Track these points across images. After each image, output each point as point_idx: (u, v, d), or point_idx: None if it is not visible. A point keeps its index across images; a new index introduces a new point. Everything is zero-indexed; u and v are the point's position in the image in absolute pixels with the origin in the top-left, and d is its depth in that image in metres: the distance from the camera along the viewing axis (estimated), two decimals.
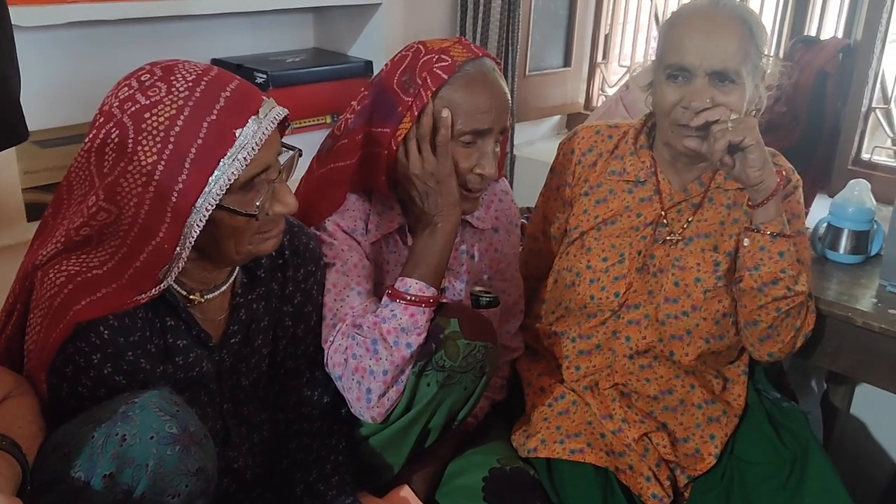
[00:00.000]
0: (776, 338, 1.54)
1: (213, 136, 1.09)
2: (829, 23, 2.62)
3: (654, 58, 1.56)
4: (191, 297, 1.23)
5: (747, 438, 1.61)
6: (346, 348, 1.35)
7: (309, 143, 2.02)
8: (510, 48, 2.75)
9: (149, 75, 1.13)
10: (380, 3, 2.63)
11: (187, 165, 1.09)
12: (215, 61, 2.43)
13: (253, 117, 1.12)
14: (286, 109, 1.18)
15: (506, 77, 2.78)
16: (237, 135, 1.10)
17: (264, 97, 1.16)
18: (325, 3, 2.60)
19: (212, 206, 1.10)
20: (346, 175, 1.43)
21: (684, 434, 1.61)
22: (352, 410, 1.39)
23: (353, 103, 1.47)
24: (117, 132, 1.11)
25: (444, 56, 1.38)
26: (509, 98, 1.42)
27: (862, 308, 1.68)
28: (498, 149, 1.44)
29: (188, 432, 1.02)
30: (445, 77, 1.36)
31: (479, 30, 2.70)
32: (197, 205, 1.09)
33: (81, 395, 1.13)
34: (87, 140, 1.16)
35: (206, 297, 1.25)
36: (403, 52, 1.43)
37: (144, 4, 2.10)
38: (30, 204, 1.99)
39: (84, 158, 1.15)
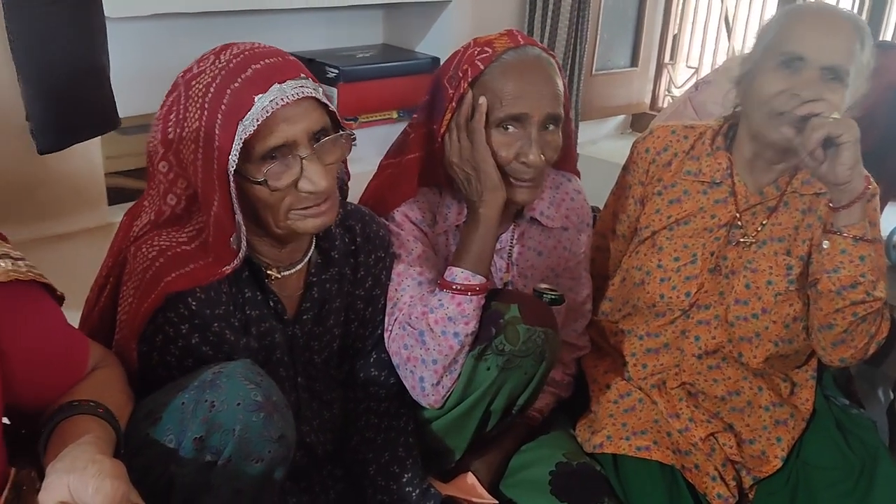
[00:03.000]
0: (850, 343, 1.52)
1: (234, 101, 1.12)
2: None
3: (752, 49, 1.56)
4: (268, 272, 1.28)
5: (815, 443, 1.60)
6: (400, 338, 1.39)
7: (376, 136, 2.06)
8: (578, 46, 2.76)
9: (213, 49, 1.20)
10: (449, 1, 2.66)
11: (217, 131, 1.12)
12: None
13: (277, 85, 1.12)
14: (320, 91, 1.16)
15: (572, 76, 2.79)
16: (255, 100, 1.11)
17: (302, 75, 1.16)
18: (395, 0, 2.64)
19: (233, 168, 1.11)
20: (414, 168, 1.47)
21: (751, 436, 1.61)
22: (412, 397, 1.43)
23: (420, 103, 1.52)
24: (175, 98, 1.18)
25: (486, 48, 1.41)
26: (557, 86, 1.41)
27: None
28: (557, 137, 1.42)
29: (271, 401, 1.06)
30: (482, 67, 1.39)
31: (547, 28, 2.72)
32: (229, 170, 1.12)
33: (170, 363, 1.19)
34: (158, 109, 1.23)
35: (282, 273, 1.29)
36: (458, 49, 1.47)
37: None
38: (111, 188, 2.07)
39: (154, 126, 1.22)
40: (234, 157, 1.11)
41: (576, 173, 1.68)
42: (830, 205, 1.48)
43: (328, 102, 1.18)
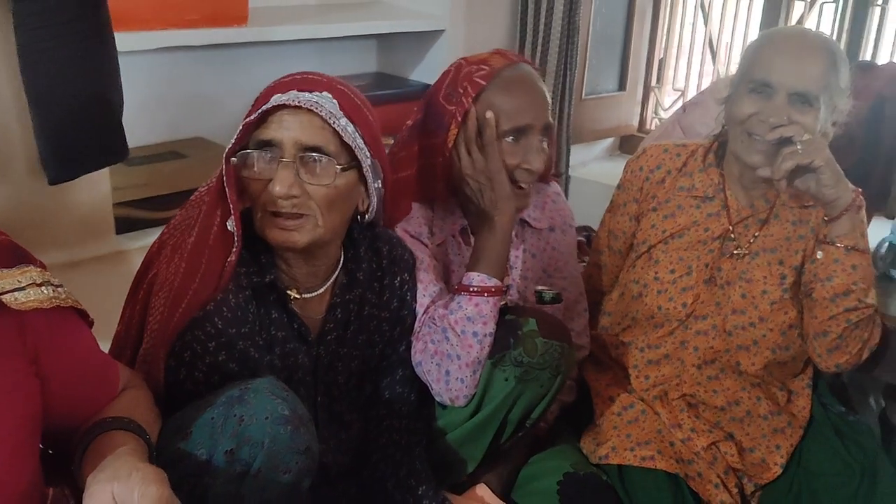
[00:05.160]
0: (844, 349, 1.58)
1: (263, 95, 1.27)
2: (884, 48, 2.66)
3: (735, 72, 1.63)
4: (288, 291, 1.33)
5: (815, 450, 1.65)
6: (427, 335, 1.45)
7: None
8: (568, 72, 2.83)
9: None
10: (442, 30, 2.73)
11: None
12: None
13: (295, 91, 1.24)
14: (334, 116, 1.23)
15: (562, 100, 2.86)
16: (273, 98, 1.24)
17: (327, 93, 1.25)
18: (388, 31, 2.71)
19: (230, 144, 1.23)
20: (409, 185, 1.54)
21: (751, 444, 1.66)
22: (433, 394, 1.48)
23: (408, 121, 1.60)
24: None
25: (482, 66, 1.50)
26: (548, 97, 1.53)
27: None
28: (545, 146, 1.52)
29: (297, 414, 1.10)
30: (484, 83, 1.48)
31: (538, 55, 2.79)
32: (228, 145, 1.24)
33: (197, 379, 1.24)
34: None
35: (303, 294, 1.34)
36: (448, 69, 1.56)
37: (227, 31, 2.23)
38: (119, 218, 2.11)
39: None
40: (236, 136, 1.22)
41: (551, 177, 1.77)
42: (825, 217, 1.55)
43: (337, 127, 1.23)
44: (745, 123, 1.55)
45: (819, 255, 1.56)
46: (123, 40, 1.96)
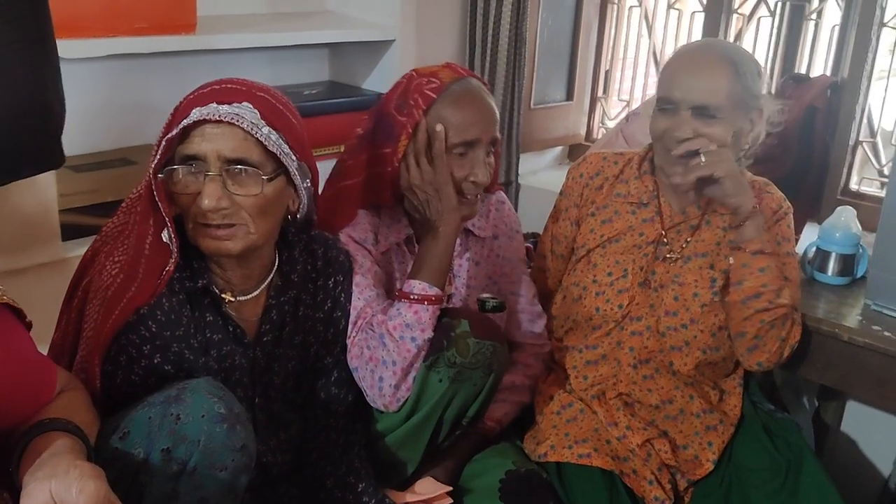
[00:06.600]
0: (763, 348, 1.65)
1: (183, 109, 1.27)
2: (817, 61, 2.76)
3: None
4: (223, 295, 1.35)
5: (745, 447, 1.72)
6: (363, 340, 1.48)
7: (323, 171, 2.15)
8: (516, 83, 2.88)
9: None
10: (393, 40, 2.77)
11: (163, 132, 1.28)
12: None
13: (215, 104, 1.25)
14: (256, 127, 1.24)
15: (511, 110, 2.92)
16: (193, 111, 1.25)
17: (247, 103, 1.26)
18: (339, 40, 2.74)
19: (153, 162, 1.24)
20: (355, 192, 1.58)
21: (684, 441, 1.72)
22: (367, 400, 1.51)
23: (358, 129, 1.63)
24: None
25: (433, 79, 1.54)
26: (496, 111, 1.57)
27: (848, 324, 1.79)
28: (491, 159, 1.58)
29: (234, 413, 1.13)
30: (434, 96, 1.52)
31: (487, 65, 2.84)
32: (152, 163, 1.26)
33: (134, 382, 1.26)
34: None
35: (237, 297, 1.37)
36: (400, 80, 1.60)
37: (176, 39, 2.24)
38: (65, 225, 2.10)
39: None
40: (157, 153, 1.24)
41: (497, 187, 1.81)
42: (731, 224, 1.63)
43: (259, 137, 1.24)
44: (661, 139, 1.63)
45: (731, 260, 1.63)
46: (73, 47, 1.96)
